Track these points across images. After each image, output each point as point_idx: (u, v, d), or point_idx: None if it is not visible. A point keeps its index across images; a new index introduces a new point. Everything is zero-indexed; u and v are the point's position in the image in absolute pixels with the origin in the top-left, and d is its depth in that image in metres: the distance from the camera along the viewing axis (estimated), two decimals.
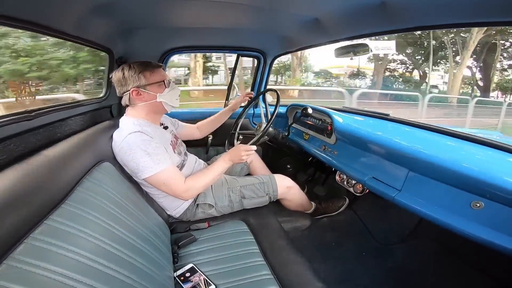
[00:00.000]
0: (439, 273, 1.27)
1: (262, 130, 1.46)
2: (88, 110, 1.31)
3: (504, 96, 12.43)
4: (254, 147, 1.28)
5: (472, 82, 13.22)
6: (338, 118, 1.55)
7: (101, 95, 1.49)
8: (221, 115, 1.72)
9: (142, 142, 1.05)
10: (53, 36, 0.99)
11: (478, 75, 13.08)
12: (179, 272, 1.00)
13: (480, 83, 13.04)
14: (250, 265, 1.04)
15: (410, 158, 1.06)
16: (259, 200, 1.38)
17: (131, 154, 1.04)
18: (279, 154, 2.20)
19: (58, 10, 0.90)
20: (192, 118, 1.98)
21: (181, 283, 0.96)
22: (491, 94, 12.51)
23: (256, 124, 1.84)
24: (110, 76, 1.20)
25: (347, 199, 1.77)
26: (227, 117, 1.74)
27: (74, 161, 0.84)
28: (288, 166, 2.24)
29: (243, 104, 1.82)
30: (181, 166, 1.28)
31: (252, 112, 2.10)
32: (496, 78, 12.59)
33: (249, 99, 1.79)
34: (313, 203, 1.72)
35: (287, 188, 1.46)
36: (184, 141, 1.51)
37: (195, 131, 1.67)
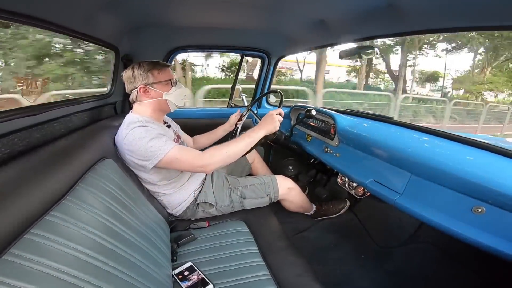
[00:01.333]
0: (439, 277, 1.27)
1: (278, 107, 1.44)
2: (92, 106, 1.32)
3: None
4: (282, 111, 1.24)
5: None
6: (341, 120, 1.55)
7: (106, 92, 1.50)
8: (218, 130, 1.68)
9: (146, 131, 1.07)
10: (60, 33, 1.00)
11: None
12: (177, 270, 1.01)
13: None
14: (249, 265, 1.04)
15: (413, 162, 1.06)
16: (259, 200, 1.38)
17: (138, 144, 1.05)
18: (281, 155, 2.21)
19: (66, 7, 0.91)
20: (196, 117, 1.99)
21: (179, 281, 0.96)
22: None
23: None
24: (121, 74, 1.21)
25: (347, 202, 1.77)
26: (225, 133, 1.69)
27: (77, 157, 0.85)
28: (290, 168, 2.24)
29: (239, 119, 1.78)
30: None
31: (256, 112, 2.11)
32: None
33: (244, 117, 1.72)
34: (313, 205, 1.72)
35: (288, 189, 1.46)
36: None
37: (191, 143, 1.64)
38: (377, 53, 1.42)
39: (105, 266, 0.65)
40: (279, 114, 1.22)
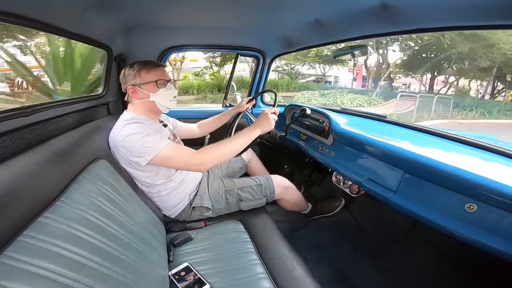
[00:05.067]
0: (433, 274, 1.28)
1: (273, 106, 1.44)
2: (86, 107, 1.31)
3: None
4: (277, 110, 1.24)
5: None
6: (336, 119, 1.55)
7: (99, 92, 1.48)
8: (223, 115, 1.70)
9: (139, 127, 1.07)
10: (52, 33, 0.99)
11: None
12: (174, 271, 1.00)
13: None
14: (245, 264, 1.04)
15: (406, 160, 1.07)
16: (256, 202, 1.38)
17: (132, 139, 1.04)
18: (276, 154, 2.21)
19: (58, 7, 0.90)
20: (191, 117, 1.98)
21: (176, 282, 0.96)
22: None
23: None
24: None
25: (343, 200, 1.78)
26: (229, 118, 1.72)
27: (70, 158, 0.84)
28: (285, 166, 2.24)
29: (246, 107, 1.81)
30: None
31: (250, 111, 2.11)
32: None
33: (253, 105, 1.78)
34: (309, 203, 1.72)
35: (284, 188, 1.46)
36: (182, 141, 1.50)
37: (194, 129, 1.66)
38: (370, 52, 1.43)
39: (100, 267, 0.64)
40: (274, 113, 1.22)
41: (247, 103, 1.69)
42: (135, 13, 1.27)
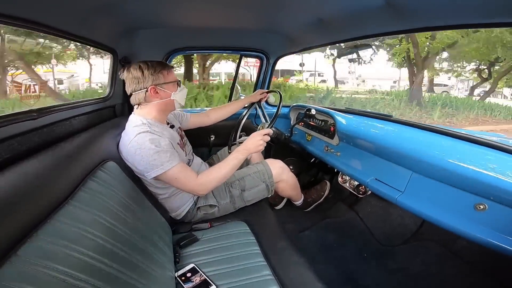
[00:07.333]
0: (442, 275, 1.27)
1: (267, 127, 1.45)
2: (92, 109, 1.32)
3: None
4: (270, 131, 1.28)
5: None
6: (341, 119, 1.55)
7: (105, 94, 1.50)
8: (236, 102, 1.74)
9: (151, 141, 1.06)
10: (58, 36, 1.00)
11: None
12: (180, 272, 1.01)
13: None
14: (251, 265, 1.04)
15: (414, 159, 1.06)
16: (257, 189, 1.38)
17: (141, 154, 1.05)
18: (282, 155, 2.20)
19: (63, 10, 0.91)
20: None
21: (182, 283, 0.96)
22: None
23: (258, 125, 1.83)
24: (120, 74, 1.21)
25: (328, 183, 1.83)
26: (241, 106, 1.77)
27: (78, 161, 0.85)
28: (291, 167, 2.23)
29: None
30: None
31: (255, 113, 2.10)
32: None
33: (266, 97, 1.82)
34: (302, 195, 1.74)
35: (280, 168, 1.46)
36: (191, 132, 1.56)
37: (205, 118, 1.67)
38: (374, 51, 1.42)
39: (108, 268, 0.65)
40: (268, 134, 1.25)
41: (260, 94, 1.73)
42: (139, 16, 1.28)
